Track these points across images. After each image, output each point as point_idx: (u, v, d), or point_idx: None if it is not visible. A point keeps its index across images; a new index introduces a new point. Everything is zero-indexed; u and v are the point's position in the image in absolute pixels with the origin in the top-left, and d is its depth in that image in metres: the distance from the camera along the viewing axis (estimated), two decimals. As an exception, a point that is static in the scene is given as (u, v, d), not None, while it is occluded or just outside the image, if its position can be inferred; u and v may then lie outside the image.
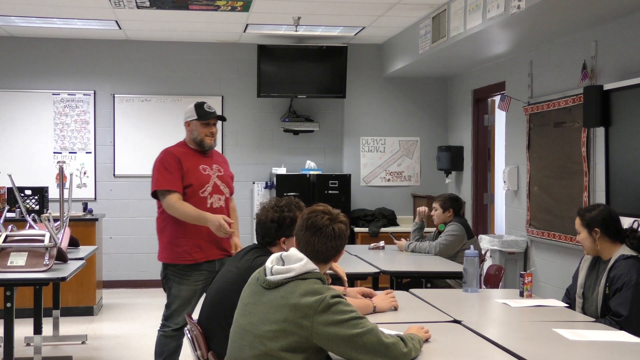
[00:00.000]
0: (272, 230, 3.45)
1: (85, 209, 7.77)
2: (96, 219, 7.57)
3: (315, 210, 2.89)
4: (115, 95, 9.04)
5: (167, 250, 4.62)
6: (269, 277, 2.75)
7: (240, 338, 2.77)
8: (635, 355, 2.92)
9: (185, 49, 9.15)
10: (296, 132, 9.19)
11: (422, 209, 6.34)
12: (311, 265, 2.75)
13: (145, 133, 9.07)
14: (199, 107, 4.71)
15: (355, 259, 5.60)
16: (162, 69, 9.14)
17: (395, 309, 3.62)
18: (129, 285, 9.00)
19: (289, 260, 2.76)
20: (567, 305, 3.94)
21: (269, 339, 2.65)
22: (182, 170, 4.56)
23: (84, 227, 7.34)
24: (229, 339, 2.87)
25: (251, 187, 9.18)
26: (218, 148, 9.08)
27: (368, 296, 3.70)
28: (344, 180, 8.90)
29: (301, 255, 2.78)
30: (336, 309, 2.61)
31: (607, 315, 3.67)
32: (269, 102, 9.26)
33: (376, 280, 5.15)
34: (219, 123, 4.93)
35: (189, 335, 3.49)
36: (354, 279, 5.17)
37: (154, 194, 4.62)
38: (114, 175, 9.07)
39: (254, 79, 8.99)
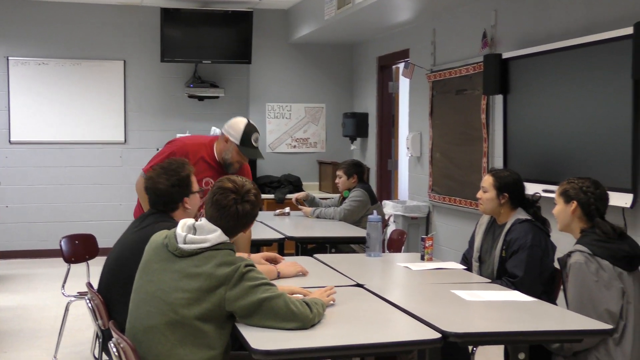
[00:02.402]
0: (176, 195, 3.39)
1: (-22, 176, 7.46)
2: (-9, 187, 7.29)
3: (224, 188, 2.82)
4: (10, 58, 8.65)
5: None
6: (182, 246, 2.74)
7: (147, 304, 2.74)
8: (527, 313, 3.05)
9: (85, 11, 8.82)
10: (201, 98, 9.05)
11: (295, 196, 6.47)
12: (224, 237, 2.77)
13: (43, 98, 8.74)
14: (248, 134, 4.36)
15: (260, 225, 5.59)
16: (61, 31, 8.79)
17: (304, 274, 3.64)
18: (27, 256, 8.71)
19: (202, 231, 2.76)
20: (465, 268, 4.06)
21: (181, 306, 2.65)
22: None
23: (-22, 195, 7.05)
24: (131, 305, 2.83)
25: (154, 153, 8.99)
26: (120, 115, 8.96)
27: (272, 261, 3.71)
28: (250, 147, 8.83)
29: (214, 226, 2.77)
30: (249, 275, 2.68)
31: (503, 277, 3.80)
32: (173, 67, 9.07)
33: (281, 246, 5.17)
34: None
35: (89, 305, 3.42)
36: (259, 245, 5.17)
37: None
38: (9, 141, 8.71)
39: (157, 43, 8.78)
